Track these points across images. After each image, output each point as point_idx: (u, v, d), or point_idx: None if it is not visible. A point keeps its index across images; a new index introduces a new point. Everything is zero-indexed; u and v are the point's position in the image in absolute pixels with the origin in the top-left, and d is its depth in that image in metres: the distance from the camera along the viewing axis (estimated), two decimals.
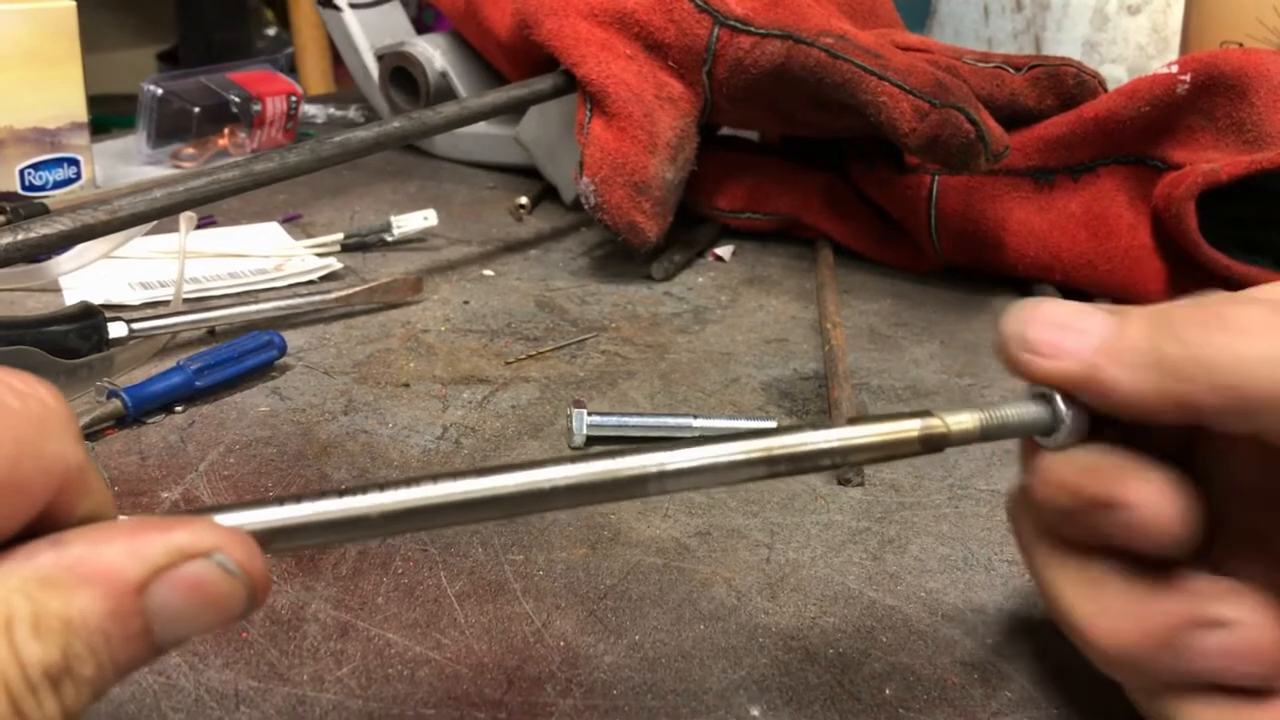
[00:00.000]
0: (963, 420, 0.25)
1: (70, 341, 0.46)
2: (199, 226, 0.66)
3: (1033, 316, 0.26)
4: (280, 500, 0.22)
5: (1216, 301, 0.24)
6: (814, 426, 0.25)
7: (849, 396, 0.47)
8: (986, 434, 0.26)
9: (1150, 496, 0.24)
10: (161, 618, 0.19)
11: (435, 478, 0.22)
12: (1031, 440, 0.27)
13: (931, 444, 0.25)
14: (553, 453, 0.43)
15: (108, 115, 1.04)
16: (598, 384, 0.49)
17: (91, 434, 0.43)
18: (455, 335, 0.54)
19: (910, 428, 0.25)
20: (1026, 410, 0.26)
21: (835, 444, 0.25)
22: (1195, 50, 0.68)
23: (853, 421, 0.25)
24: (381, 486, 0.22)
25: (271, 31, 1.90)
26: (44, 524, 0.19)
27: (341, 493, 0.22)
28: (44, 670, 0.18)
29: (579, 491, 0.23)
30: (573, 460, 0.23)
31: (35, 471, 0.18)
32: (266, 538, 0.21)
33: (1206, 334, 0.23)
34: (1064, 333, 0.25)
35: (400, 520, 0.22)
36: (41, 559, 0.19)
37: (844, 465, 0.25)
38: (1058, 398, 0.26)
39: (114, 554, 0.19)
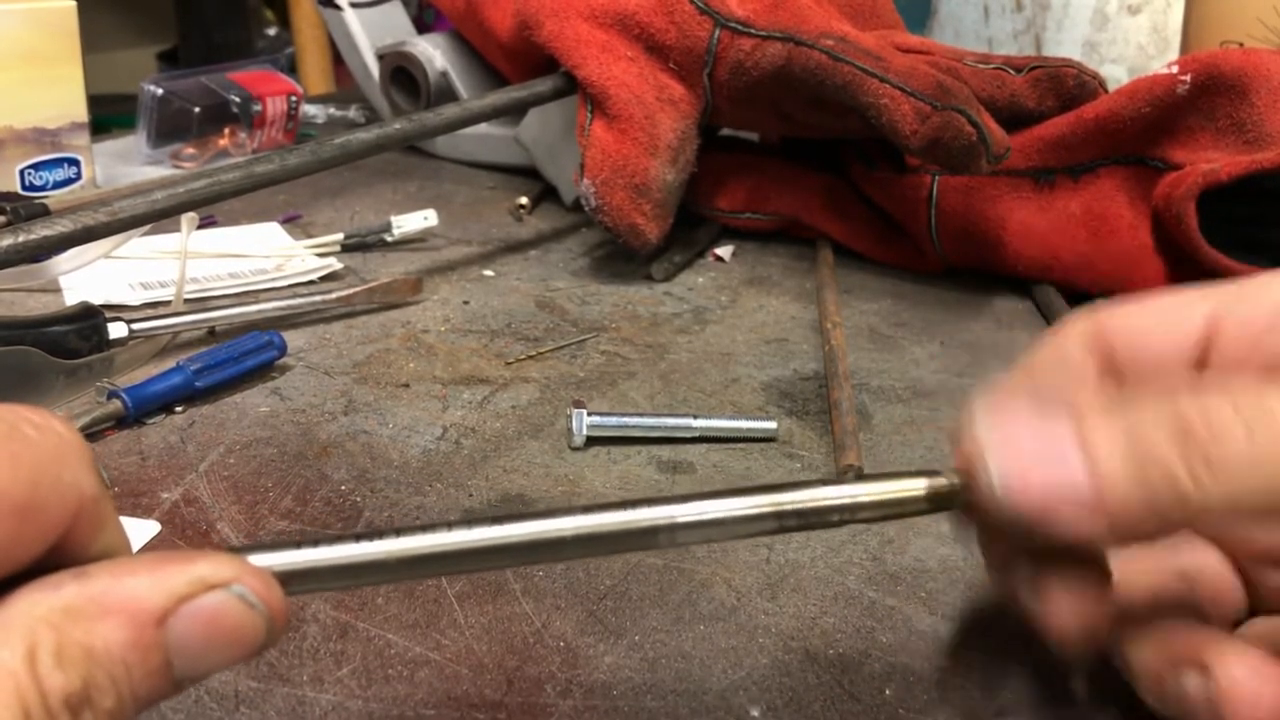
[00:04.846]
0: None
1: (70, 342, 0.46)
2: (199, 226, 0.66)
3: (998, 453, 0.23)
4: (298, 543, 0.22)
5: (1183, 403, 0.22)
6: (823, 482, 0.25)
7: (849, 396, 0.47)
8: None
9: (1061, 615, 0.25)
10: (181, 649, 0.19)
11: (450, 525, 0.23)
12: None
13: (939, 502, 0.26)
14: (553, 453, 0.43)
15: (108, 115, 1.04)
16: (598, 384, 0.49)
17: (92, 434, 0.43)
18: (455, 335, 0.54)
19: (917, 487, 0.26)
20: None
21: (843, 501, 0.25)
22: (1195, 50, 0.68)
23: (861, 478, 0.26)
24: (398, 532, 0.23)
25: (272, 31, 1.90)
26: (61, 555, 0.20)
27: (358, 537, 0.22)
28: (65, 699, 0.18)
29: (591, 542, 0.24)
30: (585, 511, 0.24)
31: (52, 498, 0.19)
32: (283, 580, 0.21)
33: (1190, 464, 0.21)
34: (1044, 476, 0.23)
35: (415, 566, 0.23)
36: (66, 590, 0.19)
37: (852, 522, 0.26)
38: None
39: (136, 585, 0.19)
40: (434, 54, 0.81)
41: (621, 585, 0.35)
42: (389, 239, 0.66)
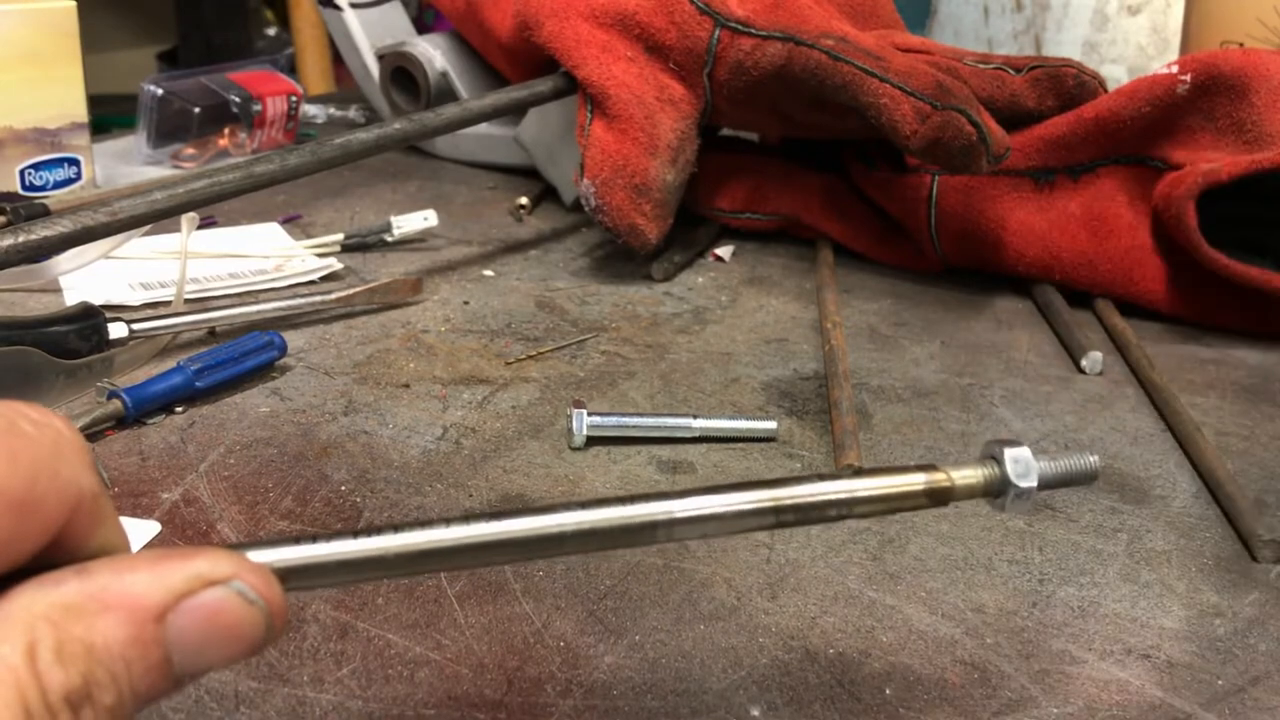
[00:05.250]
0: (967, 475, 0.26)
1: (70, 342, 0.46)
2: (199, 227, 0.66)
3: None
4: (296, 540, 0.22)
5: None
6: (821, 477, 0.25)
7: (849, 396, 0.47)
8: (990, 489, 0.26)
9: None
10: (181, 645, 0.19)
11: (449, 521, 0.23)
12: None
13: (936, 498, 0.26)
14: (553, 453, 0.43)
15: (108, 115, 1.04)
16: (598, 384, 0.49)
17: (92, 434, 0.43)
18: (455, 335, 0.54)
19: (915, 481, 0.26)
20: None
21: (841, 495, 0.25)
22: (1195, 50, 0.68)
23: (859, 473, 0.26)
24: (397, 528, 0.23)
25: (271, 31, 1.90)
26: (59, 551, 0.20)
27: (357, 533, 0.22)
28: (65, 695, 0.18)
29: (589, 537, 0.24)
30: (584, 506, 0.24)
31: (50, 493, 0.19)
32: (282, 576, 0.21)
33: None
34: None
35: (414, 562, 0.23)
36: (67, 586, 0.19)
37: (849, 517, 0.25)
38: (1007, 458, 0.26)
39: (136, 581, 0.19)
40: (434, 54, 0.81)
41: (621, 585, 0.35)
42: (389, 239, 0.66)
